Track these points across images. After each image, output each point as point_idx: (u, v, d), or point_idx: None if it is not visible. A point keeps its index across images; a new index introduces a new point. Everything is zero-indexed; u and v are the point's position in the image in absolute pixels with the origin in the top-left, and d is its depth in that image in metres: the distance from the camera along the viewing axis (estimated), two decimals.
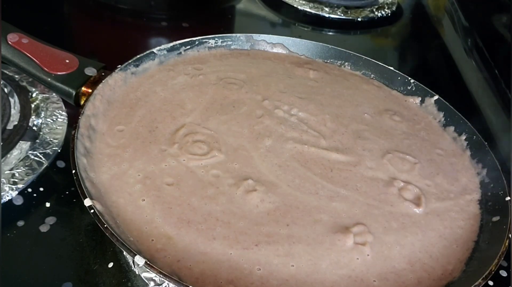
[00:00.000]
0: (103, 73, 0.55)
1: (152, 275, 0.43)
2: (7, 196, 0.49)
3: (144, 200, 0.44)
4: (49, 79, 0.53)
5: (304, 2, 0.94)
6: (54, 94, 0.60)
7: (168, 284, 0.43)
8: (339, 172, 0.50)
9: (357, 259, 0.42)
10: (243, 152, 0.51)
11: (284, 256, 0.41)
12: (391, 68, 0.66)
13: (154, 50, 0.61)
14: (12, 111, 0.57)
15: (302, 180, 0.49)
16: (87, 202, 0.40)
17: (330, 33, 0.93)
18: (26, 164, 0.52)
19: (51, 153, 0.54)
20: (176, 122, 0.53)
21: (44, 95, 0.60)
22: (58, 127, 0.57)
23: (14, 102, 0.58)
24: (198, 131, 0.52)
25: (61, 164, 0.54)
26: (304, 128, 0.55)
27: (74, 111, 0.54)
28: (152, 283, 0.43)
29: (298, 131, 0.54)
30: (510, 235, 0.45)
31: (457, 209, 0.49)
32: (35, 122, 0.57)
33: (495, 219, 0.48)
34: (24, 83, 0.61)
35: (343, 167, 0.51)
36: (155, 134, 0.51)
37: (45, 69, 0.53)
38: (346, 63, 0.68)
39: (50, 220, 0.48)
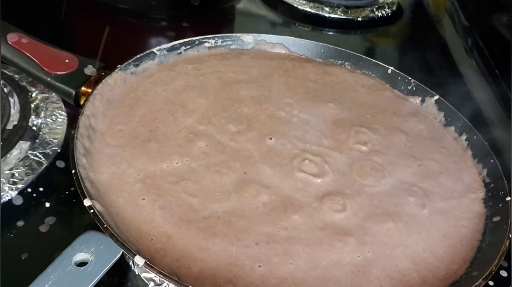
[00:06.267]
0: (102, 73, 0.55)
1: (152, 275, 0.43)
2: (7, 196, 0.49)
3: (144, 199, 0.44)
4: (48, 79, 0.53)
5: (304, 2, 0.94)
6: (53, 94, 0.60)
7: (168, 284, 0.43)
8: (341, 172, 0.50)
9: (358, 257, 0.42)
10: (245, 152, 0.50)
11: (283, 255, 0.41)
12: (391, 68, 0.66)
13: (154, 50, 0.60)
14: (12, 111, 0.57)
15: (304, 182, 0.48)
16: (87, 202, 0.40)
17: (330, 33, 0.93)
18: (26, 163, 0.52)
19: (50, 153, 0.54)
20: (178, 123, 0.53)
21: (44, 95, 0.60)
22: (57, 127, 0.57)
23: (14, 102, 0.58)
24: (200, 132, 0.52)
25: (60, 164, 0.54)
26: (306, 128, 0.55)
27: (74, 111, 0.54)
28: (152, 283, 0.43)
29: (300, 131, 0.54)
30: (510, 235, 0.45)
31: (462, 208, 0.49)
32: (34, 122, 0.57)
33: (496, 219, 0.48)
34: (24, 83, 0.61)
35: (346, 167, 0.51)
36: (156, 134, 0.51)
37: (45, 69, 0.53)
38: (346, 63, 0.68)
39: (50, 220, 0.48)
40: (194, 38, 0.64)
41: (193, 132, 0.52)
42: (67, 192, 0.51)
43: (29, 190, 0.50)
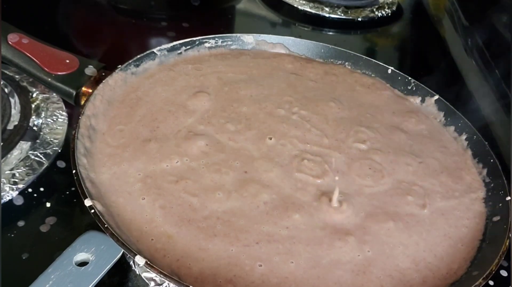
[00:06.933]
0: (103, 73, 0.55)
1: (152, 275, 0.43)
2: (8, 196, 0.49)
3: (144, 199, 0.44)
4: (49, 79, 0.53)
5: (304, 2, 0.94)
6: (54, 94, 0.60)
7: (168, 284, 0.43)
8: (341, 172, 0.50)
9: (359, 256, 0.42)
10: (245, 151, 0.51)
11: (284, 254, 0.41)
12: (391, 68, 0.66)
13: (155, 50, 0.60)
14: (13, 111, 0.57)
15: (304, 181, 0.48)
16: (87, 202, 0.40)
17: (330, 33, 0.93)
18: (27, 164, 0.52)
19: (51, 153, 0.54)
20: (178, 123, 0.53)
21: (45, 95, 0.60)
22: (58, 127, 0.57)
23: (15, 103, 0.58)
24: (199, 131, 0.52)
25: (61, 164, 0.54)
26: (307, 127, 0.55)
27: (74, 111, 0.54)
28: (152, 283, 0.43)
29: (301, 130, 0.54)
30: (510, 235, 0.45)
31: (462, 208, 0.49)
32: (35, 123, 0.57)
33: (496, 218, 0.48)
34: (25, 84, 0.61)
35: (346, 167, 0.51)
36: (156, 134, 0.51)
37: (46, 69, 0.53)
38: (346, 63, 0.68)
39: (51, 220, 0.48)
40: (194, 39, 0.64)
41: (193, 132, 0.52)
42: (67, 192, 0.51)
43: (29, 190, 0.50)
